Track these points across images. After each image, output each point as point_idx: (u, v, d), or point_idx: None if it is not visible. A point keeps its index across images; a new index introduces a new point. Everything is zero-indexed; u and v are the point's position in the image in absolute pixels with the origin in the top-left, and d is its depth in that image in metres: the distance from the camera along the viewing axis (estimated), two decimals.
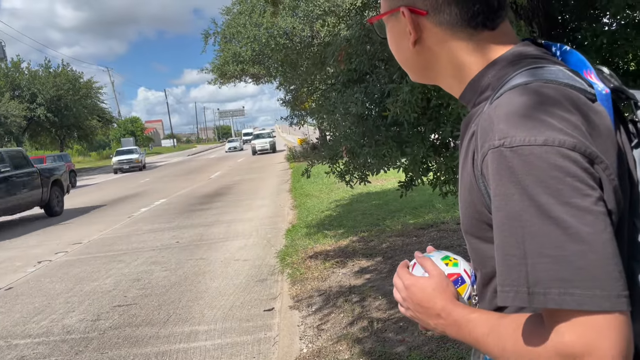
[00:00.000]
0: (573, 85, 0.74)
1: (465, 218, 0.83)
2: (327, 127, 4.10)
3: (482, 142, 0.72)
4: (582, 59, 0.81)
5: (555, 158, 0.65)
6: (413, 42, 0.86)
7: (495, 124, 0.70)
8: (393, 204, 8.48)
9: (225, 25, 18.19)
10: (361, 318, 3.95)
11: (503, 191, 0.68)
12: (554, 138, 0.66)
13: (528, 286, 0.65)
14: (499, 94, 0.75)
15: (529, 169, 0.66)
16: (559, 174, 0.64)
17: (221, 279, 5.70)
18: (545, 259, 0.63)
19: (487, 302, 0.85)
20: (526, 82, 0.73)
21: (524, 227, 0.65)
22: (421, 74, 0.93)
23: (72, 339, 4.37)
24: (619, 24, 3.36)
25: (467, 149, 0.81)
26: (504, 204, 0.68)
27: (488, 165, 0.70)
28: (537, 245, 0.64)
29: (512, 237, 0.67)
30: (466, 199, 0.81)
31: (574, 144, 0.66)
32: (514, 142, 0.67)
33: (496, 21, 0.82)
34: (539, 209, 0.64)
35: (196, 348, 3.92)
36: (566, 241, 0.63)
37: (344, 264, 5.49)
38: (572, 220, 0.63)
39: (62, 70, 35.98)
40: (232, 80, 21.42)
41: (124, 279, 6.09)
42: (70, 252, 8.12)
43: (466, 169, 0.80)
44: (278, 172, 19.62)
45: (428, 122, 3.35)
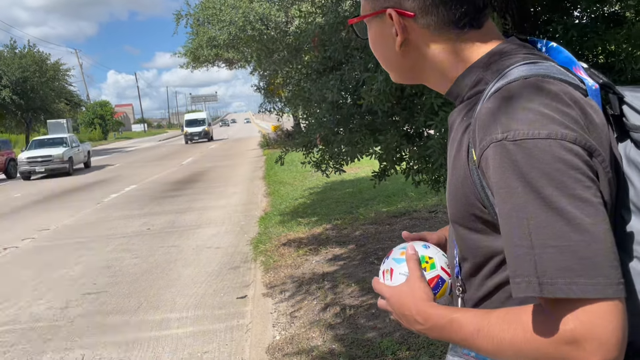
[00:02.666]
0: (567, 80, 0.75)
1: (455, 209, 0.84)
2: (301, 115, 4.09)
3: (482, 135, 0.73)
4: (570, 56, 0.83)
5: (558, 151, 0.67)
6: (399, 44, 0.86)
7: (497, 118, 0.71)
8: (367, 192, 8.53)
9: (199, 7, 17.84)
10: (334, 305, 3.98)
11: (507, 184, 0.69)
12: (557, 131, 0.68)
13: (537, 276, 0.66)
14: (496, 88, 0.76)
15: (533, 162, 0.67)
16: (563, 166, 0.66)
17: (193, 267, 5.66)
18: (551, 249, 0.65)
19: (474, 290, 0.86)
20: (525, 77, 0.74)
21: (530, 219, 0.67)
22: (405, 74, 0.93)
23: (40, 326, 4.29)
24: (590, 18, 3.42)
25: (460, 141, 0.82)
26: (508, 197, 0.69)
27: (489, 158, 0.71)
28: (543, 236, 0.66)
29: (519, 229, 0.68)
30: (457, 190, 0.81)
31: (575, 137, 0.68)
32: (517, 136, 0.68)
33: (481, 20, 0.84)
34: (544, 201, 0.66)
35: (168, 336, 3.90)
36: (570, 232, 0.65)
37: (317, 251, 5.51)
38: (575, 211, 0.65)
39: (29, 52, 34.80)
40: (205, 64, 21.08)
41: (93, 266, 6.00)
42: (37, 238, 7.93)
43: (459, 162, 0.81)
44: (251, 159, 19.51)
45: (402, 112, 3.37)
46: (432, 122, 2.97)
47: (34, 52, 34.92)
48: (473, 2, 0.82)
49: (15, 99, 32.13)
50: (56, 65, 36.12)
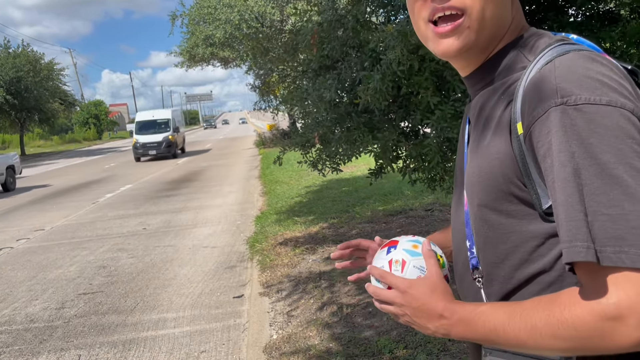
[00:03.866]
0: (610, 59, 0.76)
1: (487, 192, 0.81)
2: (298, 114, 4.08)
3: (536, 103, 0.72)
4: (594, 46, 0.82)
5: (619, 119, 0.67)
6: None
7: (556, 83, 0.71)
8: (363, 191, 8.53)
9: (194, 7, 17.79)
10: (330, 303, 3.98)
11: (565, 148, 0.68)
12: (617, 100, 0.68)
13: (587, 242, 0.65)
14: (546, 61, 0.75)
15: (593, 127, 0.67)
16: (622, 134, 0.66)
17: (190, 266, 5.65)
18: (602, 217, 0.65)
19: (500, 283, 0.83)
20: (575, 49, 0.74)
21: (584, 184, 0.66)
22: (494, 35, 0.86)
23: (36, 327, 4.27)
24: (584, 16, 3.43)
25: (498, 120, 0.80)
26: (566, 161, 0.68)
27: (548, 123, 0.70)
28: (595, 203, 0.65)
29: (573, 195, 0.67)
30: (492, 170, 0.79)
31: (632, 108, 0.68)
32: (579, 100, 0.68)
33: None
34: (600, 167, 0.66)
35: (164, 336, 3.89)
36: (624, 200, 0.64)
37: (313, 250, 5.51)
38: (631, 180, 0.64)
39: (22, 51, 34.63)
40: (200, 63, 21.03)
41: (89, 266, 5.97)
42: (32, 238, 7.90)
43: (498, 138, 0.79)
44: (247, 158, 19.48)
45: (398, 110, 3.37)
46: (429, 121, 2.97)
47: (28, 52, 34.75)
48: None
49: (9, 98, 31.97)
50: (50, 64, 35.95)
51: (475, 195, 0.84)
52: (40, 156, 34.51)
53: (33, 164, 27.27)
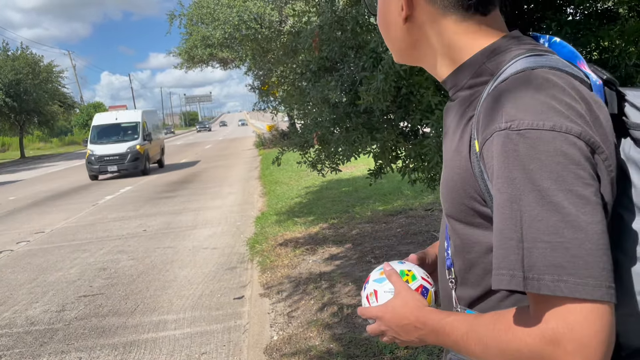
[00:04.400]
0: (573, 73, 0.74)
1: (452, 203, 0.82)
2: (297, 115, 4.08)
3: (487, 124, 0.71)
4: (573, 51, 0.82)
5: (562, 144, 0.65)
6: (404, 18, 0.85)
7: (503, 107, 0.70)
8: (363, 191, 8.53)
9: (193, 7, 17.79)
10: (331, 304, 3.98)
11: (506, 174, 0.67)
12: (561, 124, 0.66)
13: (523, 270, 0.64)
14: (503, 79, 0.74)
15: (534, 153, 0.66)
16: (564, 160, 0.65)
17: (190, 268, 5.65)
18: (542, 244, 0.64)
19: (470, 288, 0.85)
20: (532, 67, 0.73)
21: (523, 211, 0.65)
22: (407, 53, 0.91)
23: (37, 330, 4.27)
24: (583, 14, 3.43)
25: (461, 134, 0.80)
26: (506, 187, 0.67)
27: (492, 147, 0.70)
28: (535, 230, 0.64)
29: (511, 221, 0.66)
30: (456, 184, 0.80)
31: (579, 132, 0.66)
32: (521, 126, 0.67)
33: (488, 7, 0.82)
34: (540, 194, 0.64)
35: (165, 337, 3.89)
36: (564, 228, 0.63)
37: (314, 251, 5.51)
38: (571, 207, 0.63)
39: (21, 54, 34.66)
40: (199, 64, 21.04)
41: (89, 269, 5.97)
42: (32, 241, 7.89)
43: (460, 154, 0.79)
44: (247, 159, 19.48)
45: (397, 110, 3.36)
46: (429, 121, 2.97)
47: (27, 55, 34.77)
48: None
49: (8, 101, 31.98)
50: (49, 67, 35.96)
51: (444, 204, 0.85)
52: (40, 158, 34.51)
53: (33, 166, 27.28)
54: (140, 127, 18.16)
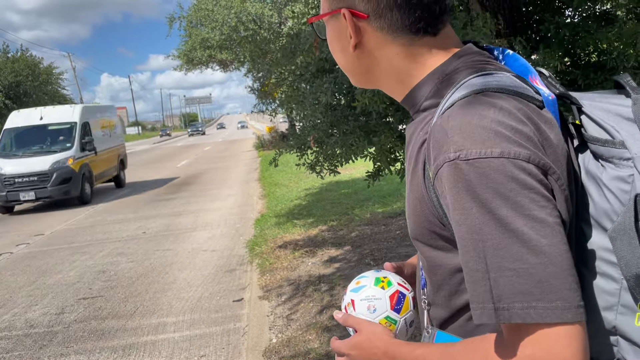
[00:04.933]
0: (522, 92, 0.73)
1: (414, 226, 0.81)
2: (295, 117, 4.08)
3: (436, 154, 0.70)
4: (526, 64, 0.80)
5: (512, 170, 0.64)
6: (353, 46, 0.83)
7: (450, 136, 0.69)
8: (362, 193, 8.53)
9: (192, 9, 17.82)
10: (330, 307, 3.97)
11: (462, 205, 0.67)
12: (510, 150, 0.65)
13: (493, 302, 0.64)
14: (450, 103, 0.73)
15: (486, 182, 0.65)
16: (517, 186, 0.64)
17: (189, 270, 5.65)
18: (507, 272, 0.63)
19: (440, 309, 0.85)
20: (477, 91, 0.71)
21: (485, 241, 0.65)
22: (362, 77, 0.90)
23: (36, 332, 4.27)
24: (581, 17, 3.44)
25: (416, 157, 0.79)
26: (463, 218, 0.67)
27: (443, 178, 0.69)
28: (499, 259, 0.64)
29: (474, 252, 0.66)
30: (416, 207, 0.79)
31: (528, 156, 0.66)
32: (470, 155, 0.66)
33: (438, 26, 0.81)
34: (499, 222, 0.64)
35: (164, 340, 3.89)
36: (526, 254, 0.63)
37: (313, 253, 5.51)
38: (531, 232, 0.63)
39: (21, 56, 34.69)
40: (198, 66, 21.06)
41: (88, 271, 5.97)
42: (32, 243, 7.89)
43: (416, 179, 0.78)
44: (246, 161, 19.49)
45: (395, 113, 3.37)
46: None
47: (27, 56, 34.81)
48: (428, 7, 0.79)
49: (8, 103, 31.99)
50: (49, 69, 35.97)
51: (408, 226, 0.84)
52: None
53: None
54: (77, 131, 12.25)
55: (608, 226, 0.69)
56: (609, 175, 0.69)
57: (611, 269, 0.69)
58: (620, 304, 0.69)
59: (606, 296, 0.70)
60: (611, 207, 0.69)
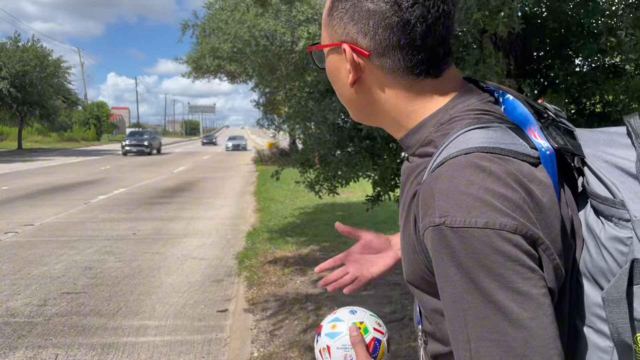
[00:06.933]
0: (516, 151, 0.71)
1: (408, 270, 0.81)
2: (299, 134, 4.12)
3: (423, 214, 0.70)
4: (526, 113, 0.78)
5: (496, 242, 0.63)
6: (352, 82, 0.82)
7: (436, 200, 0.67)
8: (357, 217, 8.54)
9: (206, 19, 18.01)
10: (315, 327, 3.95)
11: (445, 271, 0.66)
12: (495, 220, 0.64)
13: None
14: (440, 161, 0.71)
15: (470, 252, 0.64)
16: (501, 258, 0.63)
17: (176, 276, 5.61)
18: (488, 342, 0.63)
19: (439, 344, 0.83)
20: (466, 152, 0.70)
21: (466, 310, 0.65)
22: (360, 113, 0.88)
23: (16, 322, 4.22)
24: (590, 67, 3.51)
25: (408, 207, 0.78)
26: (446, 285, 0.67)
27: (428, 240, 0.69)
28: (480, 329, 0.64)
29: (456, 319, 0.66)
30: (409, 254, 0.78)
31: (515, 227, 0.64)
32: (454, 223, 0.65)
33: (440, 68, 0.79)
34: (481, 293, 0.64)
35: (144, 343, 3.85)
36: (507, 327, 0.62)
37: (303, 271, 5.49)
38: (513, 305, 0.62)
39: (32, 46, 34.88)
40: (207, 75, 21.20)
41: (75, 266, 5.92)
42: (20, 233, 7.83)
43: (408, 229, 0.77)
44: (244, 174, 19.49)
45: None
46: None
47: (37, 47, 34.98)
48: (432, 50, 0.77)
49: (12, 91, 32.05)
50: (57, 62, 36.16)
51: (404, 269, 0.84)
52: (36, 151, 34.39)
53: (29, 158, 27.19)
54: None
55: (604, 284, 0.68)
56: (607, 235, 0.68)
57: (604, 326, 0.69)
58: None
59: (600, 353, 0.70)
60: (607, 267, 0.68)
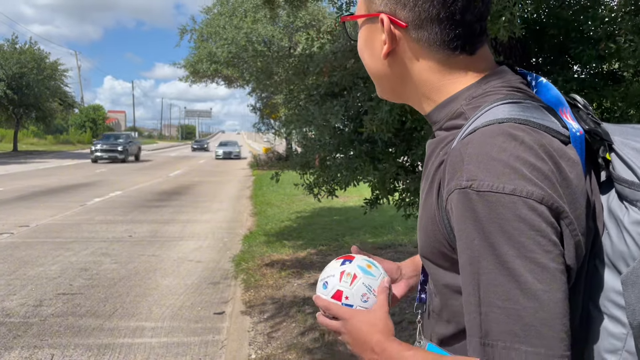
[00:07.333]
0: (547, 127, 0.70)
1: (424, 243, 0.80)
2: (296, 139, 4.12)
3: (450, 178, 0.69)
4: (559, 96, 0.78)
5: (521, 209, 0.63)
6: (386, 53, 0.81)
7: (465, 163, 0.67)
8: (354, 221, 8.54)
9: (204, 24, 18.06)
10: (313, 329, 3.94)
11: (466, 234, 0.66)
12: (522, 188, 0.64)
13: (480, 336, 0.64)
14: (471, 129, 0.71)
15: (493, 217, 0.64)
16: (524, 226, 0.63)
17: (172, 278, 5.59)
18: (497, 309, 0.63)
19: (445, 325, 0.84)
20: (500, 121, 0.69)
21: (480, 274, 0.64)
22: (389, 87, 0.88)
23: (11, 322, 4.19)
24: (589, 74, 3.53)
25: (433, 177, 0.77)
26: (465, 247, 0.66)
27: (453, 203, 0.68)
28: (491, 295, 0.63)
29: (470, 282, 0.66)
30: (427, 226, 0.78)
31: (542, 196, 0.64)
32: (481, 187, 0.65)
33: (476, 45, 0.79)
34: (498, 259, 0.63)
35: (141, 344, 3.83)
36: (519, 295, 0.62)
37: (300, 274, 5.48)
38: (528, 275, 0.62)
39: (29, 48, 34.81)
40: (204, 79, 21.22)
41: (70, 267, 5.89)
42: (16, 234, 7.79)
43: (430, 198, 0.77)
44: (240, 178, 19.46)
45: (400, 143, 3.42)
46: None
47: (34, 50, 34.91)
48: (470, 25, 0.76)
49: (9, 93, 31.95)
50: (54, 64, 36.07)
51: (419, 243, 0.83)
52: (32, 154, 34.24)
53: (24, 160, 27.07)
54: None
55: (623, 269, 0.68)
56: (631, 219, 0.67)
57: (620, 312, 0.68)
58: (625, 349, 0.68)
59: (612, 339, 0.69)
60: (628, 251, 0.67)
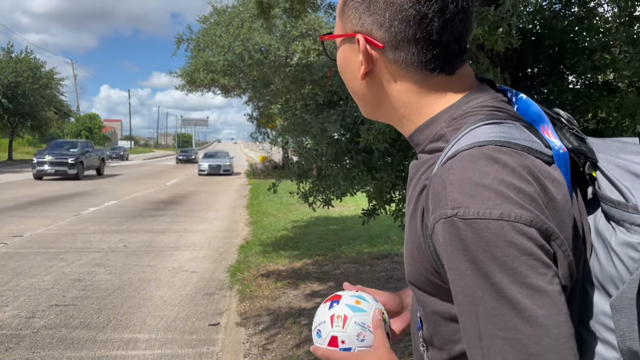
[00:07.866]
0: (530, 147, 0.69)
1: (410, 269, 0.77)
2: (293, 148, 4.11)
3: (434, 206, 0.67)
4: (540, 112, 0.76)
5: (511, 234, 0.61)
6: (363, 74, 0.79)
7: (448, 191, 0.65)
8: (350, 231, 8.52)
9: (201, 33, 18.11)
10: (308, 341, 3.91)
11: (456, 265, 0.64)
12: (510, 212, 0.62)
13: None
14: (452, 153, 0.69)
15: (483, 245, 0.61)
16: (515, 251, 0.61)
17: (167, 289, 5.54)
18: (499, 341, 0.61)
19: (438, 351, 0.81)
20: (481, 144, 0.67)
21: (478, 306, 0.62)
22: (370, 107, 0.85)
23: (3, 334, 4.13)
24: (584, 84, 3.54)
25: (416, 202, 0.75)
26: (458, 279, 0.64)
27: (439, 233, 0.66)
28: (491, 326, 0.61)
29: (468, 315, 0.64)
30: (412, 252, 0.75)
31: (530, 219, 0.62)
32: (467, 214, 0.62)
33: (455, 65, 0.77)
34: (493, 288, 0.61)
35: (134, 356, 3.78)
36: (521, 324, 0.60)
37: (296, 285, 5.44)
38: (527, 301, 0.60)
39: (25, 57, 34.79)
40: (200, 88, 21.23)
41: (64, 278, 5.84)
42: (9, 244, 7.72)
43: (414, 224, 0.74)
44: (236, 187, 19.42)
45: (397, 153, 3.41)
46: None
47: (30, 58, 34.89)
48: (448, 46, 0.74)
49: (4, 102, 31.88)
50: (50, 73, 36.04)
51: (406, 269, 0.81)
52: (27, 163, 34.05)
53: (19, 169, 26.97)
54: None
55: (612, 292, 0.66)
56: (618, 240, 0.65)
57: (611, 336, 0.66)
58: None
59: None
60: (617, 274, 0.65)
